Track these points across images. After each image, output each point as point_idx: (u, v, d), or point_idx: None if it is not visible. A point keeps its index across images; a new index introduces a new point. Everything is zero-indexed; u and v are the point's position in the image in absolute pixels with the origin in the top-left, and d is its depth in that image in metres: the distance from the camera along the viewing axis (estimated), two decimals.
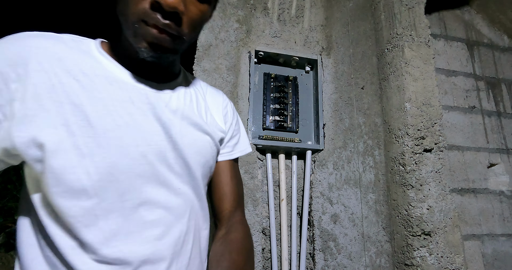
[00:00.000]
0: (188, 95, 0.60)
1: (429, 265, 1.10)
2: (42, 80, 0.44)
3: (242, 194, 0.69)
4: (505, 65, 1.84)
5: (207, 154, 0.58)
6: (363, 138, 1.29)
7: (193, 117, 0.57)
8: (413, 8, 1.36)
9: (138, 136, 0.49)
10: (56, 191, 0.43)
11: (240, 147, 0.69)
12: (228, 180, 0.65)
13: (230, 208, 0.64)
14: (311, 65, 1.35)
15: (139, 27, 0.46)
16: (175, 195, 0.52)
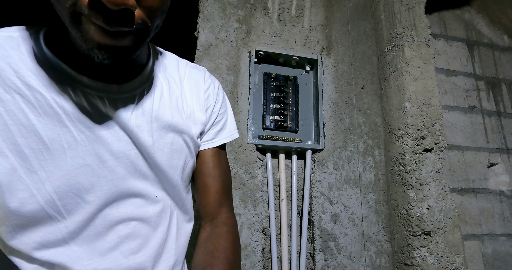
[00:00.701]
0: (159, 89, 0.51)
1: (429, 265, 1.10)
2: None
3: (228, 186, 0.60)
4: (505, 65, 1.84)
5: (185, 155, 0.53)
6: (363, 138, 1.29)
7: (165, 117, 0.50)
8: (413, 8, 1.36)
9: (102, 150, 0.44)
10: (16, 223, 0.40)
11: (224, 133, 0.61)
12: (210, 170, 0.58)
13: (213, 202, 0.57)
14: (311, 65, 1.35)
15: (81, 26, 0.35)
16: (152, 204, 0.49)
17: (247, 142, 1.16)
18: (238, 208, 1.09)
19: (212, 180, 0.58)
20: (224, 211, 0.57)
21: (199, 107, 0.56)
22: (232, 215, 0.59)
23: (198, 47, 1.21)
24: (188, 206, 0.56)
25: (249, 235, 1.08)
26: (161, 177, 0.50)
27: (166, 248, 0.51)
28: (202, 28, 1.23)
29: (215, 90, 0.61)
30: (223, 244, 0.52)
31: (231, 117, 0.65)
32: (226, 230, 0.54)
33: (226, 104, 0.64)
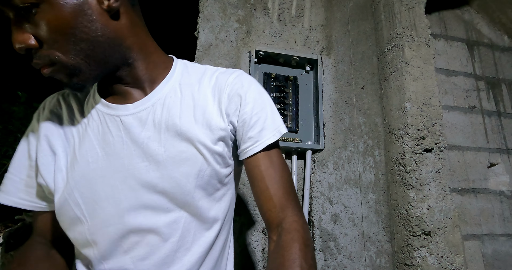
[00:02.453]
0: (173, 100, 0.54)
1: (429, 265, 1.09)
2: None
3: (288, 187, 0.54)
4: (505, 65, 1.84)
5: (199, 163, 0.52)
6: (363, 138, 1.29)
7: (177, 126, 0.52)
8: (413, 8, 1.36)
9: (117, 164, 0.51)
10: (61, 221, 0.53)
11: (267, 133, 0.55)
12: (263, 174, 0.53)
13: (273, 208, 0.52)
14: (311, 65, 1.35)
15: None
16: (164, 214, 0.51)
17: None
18: (238, 208, 1.09)
19: (266, 184, 0.53)
20: (288, 215, 0.51)
21: (219, 112, 0.55)
22: (299, 217, 0.52)
23: (198, 47, 1.21)
24: (207, 215, 0.54)
25: (249, 235, 1.08)
26: (173, 186, 0.50)
27: (176, 258, 0.51)
28: (202, 28, 1.23)
29: (242, 90, 0.56)
30: (288, 257, 0.46)
31: (273, 113, 0.58)
32: (291, 238, 0.48)
33: (262, 102, 0.57)
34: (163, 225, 0.50)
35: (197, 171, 0.52)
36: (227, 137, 0.55)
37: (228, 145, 0.56)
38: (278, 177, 0.54)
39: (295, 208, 0.53)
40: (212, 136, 0.53)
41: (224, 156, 0.55)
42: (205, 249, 0.53)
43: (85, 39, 0.45)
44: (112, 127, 0.52)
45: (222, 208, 0.56)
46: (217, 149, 0.54)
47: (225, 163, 0.56)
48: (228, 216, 0.59)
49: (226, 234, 0.59)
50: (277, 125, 0.57)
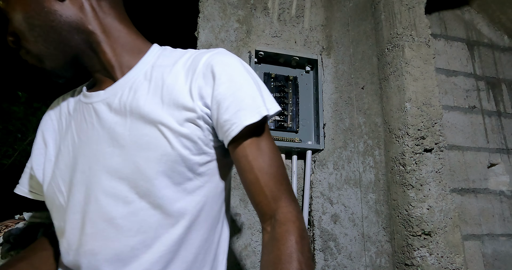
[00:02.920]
0: (143, 82, 0.52)
1: (429, 265, 1.09)
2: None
3: (279, 175, 0.49)
4: (505, 65, 1.84)
5: (161, 146, 0.47)
6: (363, 138, 1.29)
7: (141, 108, 0.49)
8: (413, 8, 1.36)
9: (88, 150, 0.51)
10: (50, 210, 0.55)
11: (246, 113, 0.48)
12: (251, 163, 0.48)
13: (264, 199, 0.48)
14: (311, 65, 1.35)
15: None
16: (123, 204, 0.47)
17: None
18: (238, 208, 1.09)
19: (256, 175, 0.48)
20: (281, 205, 0.48)
21: (189, 92, 0.49)
22: (293, 207, 0.48)
23: (198, 47, 1.21)
24: (171, 208, 0.48)
25: (249, 235, 1.08)
26: (134, 171, 0.47)
27: (134, 256, 0.46)
28: (202, 28, 1.23)
29: (217, 69, 0.49)
30: (285, 250, 0.44)
31: (254, 92, 0.50)
32: (286, 230, 0.45)
33: (241, 81, 0.50)
34: (120, 216, 0.46)
35: (159, 156, 0.47)
36: (198, 119, 0.49)
37: (202, 129, 0.50)
38: (268, 166, 0.49)
39: (288, 197, 0.49)
40: (178, 117, 0.48)
41: (195, 141, 0.49)
42: (169, 248, 0.47)
43: (39, 26, 0.49)
44: (87, 115, 0.53)
45: (195, 202, 0.50)
46: (184, 131, 0.48)
47: (198, 149, 0.49)
48: (205, 212, 0.51)
49: (205, 234, 0.51)
50: (257, 105, 0.49)
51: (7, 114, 2.87)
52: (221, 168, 0.54)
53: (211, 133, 0.51)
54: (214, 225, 0.53)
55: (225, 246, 0.57)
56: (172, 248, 0.47)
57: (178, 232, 0.48)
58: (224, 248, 0.56)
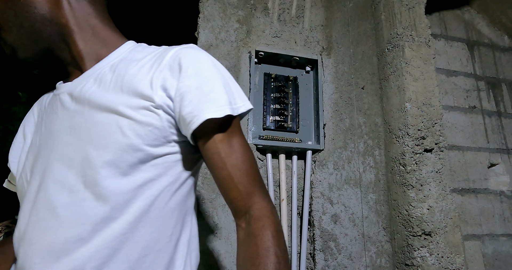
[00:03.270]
0: (108, 73, 0.52)
1: (430, 265, 1.09)
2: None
3: (251, 171, 0.49)
4: (505, 65, 1.84)
5: (112, 133, 0.46)
6: (363, 138, 1.29)
7: (99, 97, 0.49)
8: (413, 8, 1.36)
9: (49, 139, 0.52)
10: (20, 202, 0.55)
11: (207, 107, 0.46)
12: (222, 162, 0.48)
13: (238, 196, 0.48)
14: (311, 65, 1.35)
15: None
16: (67, 193, 0.45)
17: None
18: None
19: (229, 172, 0.48)
20: (255, 201, 0.48)
21: (149, 81, 0.48)
22: (267, 202, 0.49)
23: None
24: (115, 200, 0.45)
25: None
26: (84, 159, 0.46)
27: (67, 250, 0.42)
28: (203, 28, 1.23)
29: (185, 61, 0.48)
30: (262, 245, 0.44)
31: (220, 89, 0.49)
32: (262, 225, 0.46)
33: (208, 76, 0.49)
34: (61, 205, 0.44)
35: (109, 143, 0.45)
36: (156, 108, 0.47)
37: (160, 118, 0.48)
38: (241, 162, 0.48)
39: (261, 193, 0.49)
40: (134, 104, 0.47)
41: (150, 130, 0.47)
42: (107, 244, 0.43)
43: (14, 16, 0.52)
44: (54, 106, 0.55)
45: (143, 196, 0.46)
46: (138, 117, 0.46)
47: (153, 140, 0.47)
48: (157, 209, 0.47)
49: (155, 233, 0.47)
50: (223, 101, 0.48)
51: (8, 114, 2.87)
52: (185, 164, 0.52)
53: (173, 126, 0.49)
54: (169, 225, 0.49)
55: (185, 250, 0.51)
56: (111, 243, 0.43)
57: (120, 227, 0.44)
58: (184, 253, 0.51)
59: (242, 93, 0.53)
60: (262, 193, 0.49)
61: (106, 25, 0.58)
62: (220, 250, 1.04)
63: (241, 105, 0.51)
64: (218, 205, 1.07)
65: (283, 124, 1.24)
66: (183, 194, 0.52)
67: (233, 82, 0.53)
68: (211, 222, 1.05)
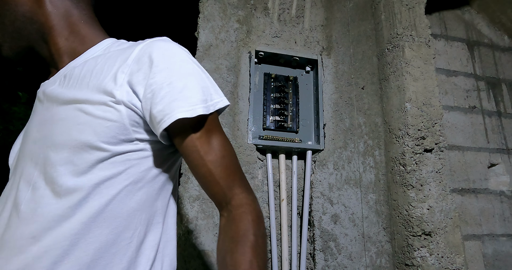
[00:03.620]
0: (79, 69, 0.51)
1: (430, 265, 1.09)
2: None
3: (232, 166, 0.49)
4: (505, 65, 1.84)
5: (69, 130, 0.45)
6: (363, 138, 1.29)
7: (65, 94, 0.48)
8: (413, 8, 1.36)
9: (25, 137, 0.53)
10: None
11: (176, 107, 0.45)
12: (201, 159, 0.47)
13: (220, 190, 0.48)
14: (311, 65, 1.35)
15: None
16: (31, 190, 0.44)
17: (247, 142, 1.16)
18: None
19: (209, 169, 0.47)
20: (236, 192, 0.48)
21: (113, 76, 0.47)
22: (248, 193, 0.49)
23: (198, 48, 1.21)
24: (68, 198, 0.43)
25: None
26: (45, 155, 0.45)
27: (21, 246, 0.41)
28: (203, 28, 1.23)
29: (156, 55, 0.47)
30: (242, 227, 0.45)
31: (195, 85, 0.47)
32: (242, 211, 0.46)
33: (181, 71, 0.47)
34: (24, 202, 0.44)
35: (66, 141, 0.45)
36: (116, 103, 0.45)
37: (121, 115, 0.46)
38: (220, 158, 0.48)
39: (242, 185, 0.49)
40: (94, 100, 0.46)
41: (108, 126, 0.45)
42: (57, 244, 0.41)
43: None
44: (34, 104, 0.56)
45: (99, 195, 0.44)
46: (96, 113, 0.45)
47: (112, 137, 0.45)
48: (114, 210, 0.45)
49: (111, 234, 0.44)
50: (197, 99, 0.46)
51: (8, 114, 2.87)
52: (153, 161, 0.50)
53: (136, 124, 0.47)
54: (130, 226, 0.46)
55: (152, 254, 0.48)
56: (62, 243, 0.41)
57: (72, 227, 0.42)
58: (151, 257, 0.48)
59: (218, 88, 0.52)
60: (242, 185, 0.49)
61: (87, 23, 0.57)
62: None
63: (217, 101, 0.49)
64: None
65: (283, 124, 1.24)
66: (150, 194, 0.49)
67: (208, 77, 0.51)
68: (211, 222, 1.05)
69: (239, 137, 1.16)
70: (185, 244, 1.01)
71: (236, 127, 1.17)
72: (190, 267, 1.00)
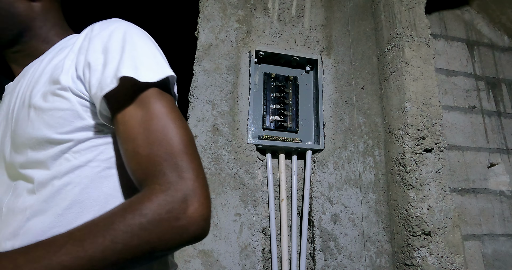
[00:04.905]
0: (39, 64, 0.51)
1: (429, 265, 1.10)
2: None
3: (153, 150, 0.39)
4: (505, 65, 1.84)
5: (25, 128, 0.44)
6: (363, 138, 1.29)
7: (21, 93, 0.49)
8: (413, 8, 1.36)
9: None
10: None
11: (100, 78, 0.42)
12: (123, 135, 0.42)
13: (136, 180, 0.41)
14: (311, 65, 1.35)
15: None
16: (12, 193, 0.45)
17: (247, 142, 1.16)
18: (238, 208, 1.09)
19: (129, 153, 0.41)
20: (145, 189, 0.39)
21: (62, 63, 0.46)
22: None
23: (198, 47, 1.21)
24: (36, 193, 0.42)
25: (249, 235, 1.08)
26: (6, 149, 0.47)
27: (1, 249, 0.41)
28: (202, 28, 1.23)
29: (93, 34, 0.46)
30: (125, 202, 0.38)
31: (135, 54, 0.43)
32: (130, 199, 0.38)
33: (119, 42, 0.44)
34: (4, 204, 0.44)
35: (25, 140, 0.44)
36: (62, 90, 0.44)
37: (70, 102, 0.43)
38: (135, 140, 0.40)
39: (162, 179, 0.38)
40: (43, 92, 0.44)
41: (60, 116, 0.43)
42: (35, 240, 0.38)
43: None
44: (1, 107, 0.56)
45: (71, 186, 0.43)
46: (45, 106, 0.43)
47: (68, 126, 0.43)
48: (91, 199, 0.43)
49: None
50: (132, 64, 0.41)
51: None
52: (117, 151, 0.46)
53: (89, 109, 0.44)
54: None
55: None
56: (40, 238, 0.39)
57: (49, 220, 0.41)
58: None
59: (163, 60, 0.46)
60: (163, 181, 0.38)
61: (52, 23, 0.58)
62: (220, 250, 1.04)
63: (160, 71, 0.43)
64: (218, 205, 1.07)
65: (283, 124, 1.24)
66: (125, 179, 0.46)
67: (153, 48, 0.47)
68: (210, 222, 1.05)
69: (239, 137, 1.16)
70: None
71: (236, 127, 1.17)
72: (190, 267, 1.00)
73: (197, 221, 0.38)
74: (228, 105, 1.18)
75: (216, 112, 1.16)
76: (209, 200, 0.40)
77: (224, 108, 1.17)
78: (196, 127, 1.13)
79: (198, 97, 1.16)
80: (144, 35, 0.48)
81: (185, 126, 0.42)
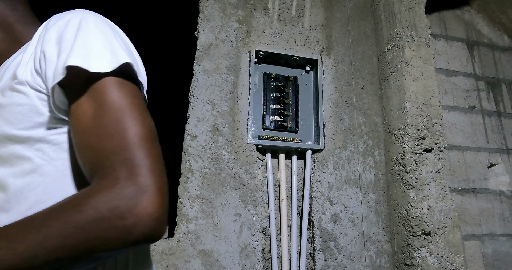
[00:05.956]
0: (5, 65, 0.49)
1: (429, 265, 1.10)
2: None
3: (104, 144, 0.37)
4: (505, 65, 1.84)
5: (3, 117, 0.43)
6: (363, 138, 1.29)
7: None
8: (413, 8, 1.36)
9: None
10: None
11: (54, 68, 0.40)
12: (75, 128, 0.40)
13: (86, 175, 0.39)
14: (311, 65, 1.35)
15: None
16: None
17: (247, 142, 1.16)
18: (238, 208, 1.09)
19: (79, 145, 0.39)
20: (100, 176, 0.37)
21: (21, 58, 0.45)
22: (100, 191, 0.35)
23: (198, 47, 1.21)
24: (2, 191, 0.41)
25: (249, 235, 1.08)
26: None
27: None
28: (202, 28, 1.23)
29: (50, 24, 0.45)
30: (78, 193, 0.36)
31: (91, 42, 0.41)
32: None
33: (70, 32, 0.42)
34: None
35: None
36: (19, 84, 0.42)
37: (28, 97, 0.42)
38: (84, 132, 0.38)
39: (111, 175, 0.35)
40: (6, 85, 0.43)
41: (18, 112, 0.41)
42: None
43: None
44: None
45: (35, 183, 0.41)
46: (3, 101, 0.42)
47: (28, 121, 0.42)
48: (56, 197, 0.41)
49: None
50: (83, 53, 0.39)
51: None
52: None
53: (47, 103, 0.43)
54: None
55: None
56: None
57: (13, 219, 0.38)
58: None
59: (120, 48, 0.43)
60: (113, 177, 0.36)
61: (22, 22, 0.57)
62: (220, 250, 1.04)
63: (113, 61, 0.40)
64: (218, 205, 1.07)
65: (283, 124, 1.24)
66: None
67: (109, 36, 0.44)
68: (210, 222, 1.05)
69: (239, 137, 1.16)
70: (185, 244, 1.01)
71: (236, 127, 1.17)
72: (190, 267, 1.00)
73: (146, 221, 0.34)
74: (228, 105, 1.18)
75: (216, 112, 1.16)
76: (163, 198, 0.36)
77: (224, 108, 1.17)
78: (196, 127, 1.13)
79: (198, 97, 1.16)
80: (103, 22, 0.45)
81: (143, 117, 0.39)
